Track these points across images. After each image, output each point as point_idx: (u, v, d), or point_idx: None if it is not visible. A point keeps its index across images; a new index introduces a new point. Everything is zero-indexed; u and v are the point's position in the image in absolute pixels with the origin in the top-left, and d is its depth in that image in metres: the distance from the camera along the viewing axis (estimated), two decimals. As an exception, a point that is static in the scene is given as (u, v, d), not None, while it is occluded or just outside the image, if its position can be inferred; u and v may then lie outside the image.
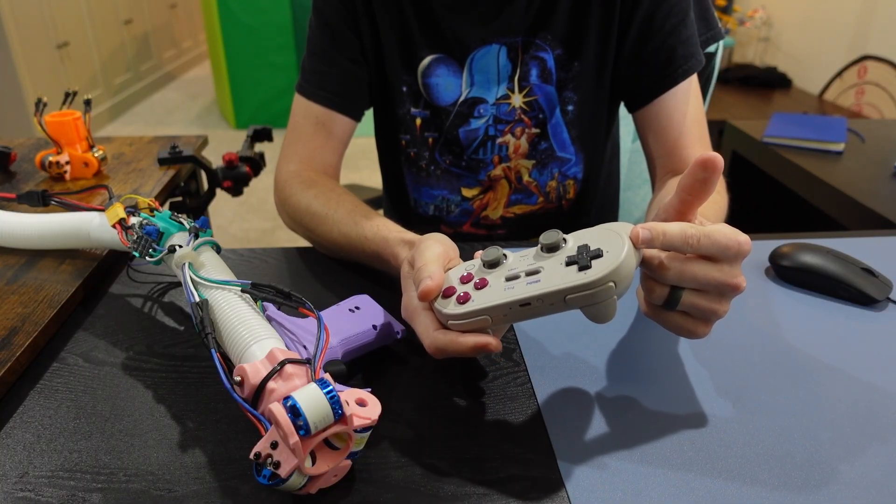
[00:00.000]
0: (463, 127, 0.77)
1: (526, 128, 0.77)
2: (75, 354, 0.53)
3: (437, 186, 0.82)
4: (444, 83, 0.76)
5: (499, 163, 0.79)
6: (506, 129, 0.77)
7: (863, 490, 0.40)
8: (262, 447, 0.37)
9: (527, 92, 0.75)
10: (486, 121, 0.76)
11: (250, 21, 3.50)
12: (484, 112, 0.76)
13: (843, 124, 1.49)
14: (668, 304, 0.43)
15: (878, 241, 0.72)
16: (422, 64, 0.75)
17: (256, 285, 0.47)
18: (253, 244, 2.46)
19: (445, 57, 0.74)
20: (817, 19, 2.54)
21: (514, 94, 0.75)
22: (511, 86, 0.74)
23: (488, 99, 0.75)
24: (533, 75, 0.74)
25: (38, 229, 0.63)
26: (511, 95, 0.75)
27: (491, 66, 0.74)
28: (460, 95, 0.75)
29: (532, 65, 0.73)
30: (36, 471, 0.41)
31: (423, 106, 0.78)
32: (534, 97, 0.75)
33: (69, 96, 0.87)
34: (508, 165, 0.79)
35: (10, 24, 2.88)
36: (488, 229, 0.83)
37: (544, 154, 0.79)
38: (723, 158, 0.42)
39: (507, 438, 0.44)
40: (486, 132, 0.77)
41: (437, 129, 0.78)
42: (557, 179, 0.81)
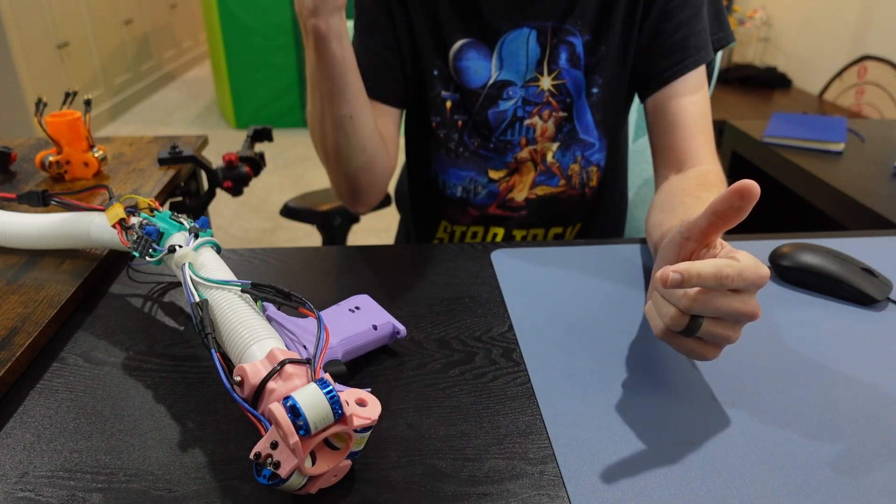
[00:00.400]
0: (492, 108, 0.79)
1: (553, 111, 0.79)
2: (75, 354, 0.53)
3: (465, 168, 0.83)
4: (474, 66, 0.77)
5: (525, 145, 0.81)
6: (534, 110, 0.79)
7: (863, 490, 0.40)
8: (262, 447, 0.37)
9: (556, 75, 0.77)
10: (515, 102, 0.78)
11: (250, 21, 3.51)
12: (513, 94, 0.78)
13: (843, 124, 1.49)
14: (687, 331, 0.44)
15: (878, 241, 0.72)
16: (453, 48, 0.77)
17: (256, 285, 0.47)
18: (253, 244, 2.46)
19: (476, 41, 0.76)
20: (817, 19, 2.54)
21: (544, 76, 0.77)
22: (540, 69, 0.76)
23: (517, 81, 0.77)
24: (562, 59, 0.76)
25: (39, 229, 0.63)
26: (540, 78, 0.77)
27: (520, 50, 0.75)
28: (490, 78, 0.77)
29: (562, 49, 0.76)
30: (36, 471, 0.41)
31: (454, 89, 0.79)
32: (562, 80, 0.77)
33: (69, 96, 0.87)
34: (535, 148, 0.81)
35: (11, 24, 2.88)
36: (513, 211, 0.85)
37: (568, 136, 0.81)
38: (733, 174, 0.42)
39: (507, 438, 0.44)
40: (514, 113, 0.79)
41: (466, 112, 0.80)
42: (580, 164, 0.83)
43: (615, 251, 0.69)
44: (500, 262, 0.67)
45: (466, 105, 0.79)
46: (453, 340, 0.55)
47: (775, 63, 2.80)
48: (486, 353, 0.53)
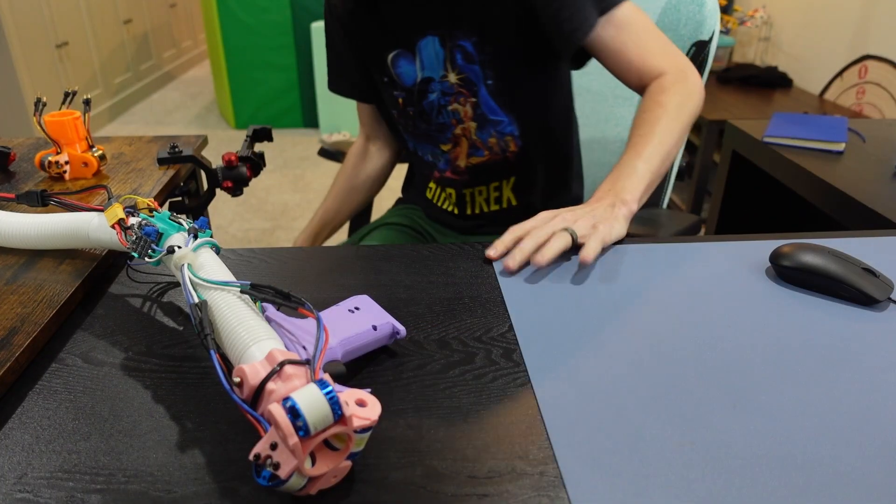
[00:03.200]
0: (424, 100, 0.96)
1: (466, 97, 0.94)
2: (74, 355, 0.53)
3: (426, 143, 1.03)
4: (405, 71, 0.95)
5: (457, 124, 0.97)
6: (451, 99, 0.95)
7: (864, 491, 0.40)
8: (262, 448, 0.37)
9: (458, 71, 0.92)
10: (437, 94, 0.95)
11: (250, 21, 3.50)
12: (434, 88, 0.95)
13: (844, 124, 1.49)
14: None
15: (878, 241, 0.72)
16: (388, 58, 0.95)
17: (256, 286, 0.47)
18: (252, 244, 2.46)
19: (402, 51, 0.93)
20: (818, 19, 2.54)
21: (449, 73, 0.92)
22: (446, 67, 0.92)
23: (435, 77, 0.93)
24: (458, 58, 0.91)
25: (38, 229, 0.63)
26: (448, 74, 0.92)
27: (431, 54, 0.91)
28: (417, 77, 0.94)
29: (457, 51, 0.90)
30: (35, 472, 0.41)
31: (400, 89, 0.97)
32: (464, 74, 0.92)
33: (68, 96, 0.87)
34: (464, 126, 0.97)
35: (10, 23, 2.88)
36: (459, 175, 1.03)
37: (481, 118, 0.96)
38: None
39: (507, 438, 0.44)
40: (439, 102, 0.96)
41: (412, 105, 0.98)
42: (496, 137, 0.97)
43: (615, 251, 0.69)
44: (500, 262, 0.67)
45: (410, 99, 0.97)
46: (453, 341, 0.55)
47: (776, 63, 2.79)
48: (486, 353, 0.53)
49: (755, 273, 0.65)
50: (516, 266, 0.64)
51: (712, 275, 0.65)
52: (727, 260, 0.68)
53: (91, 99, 0.86)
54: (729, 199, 1.71)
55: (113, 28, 3.90)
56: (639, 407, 0.47)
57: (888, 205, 1.13)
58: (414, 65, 0.94)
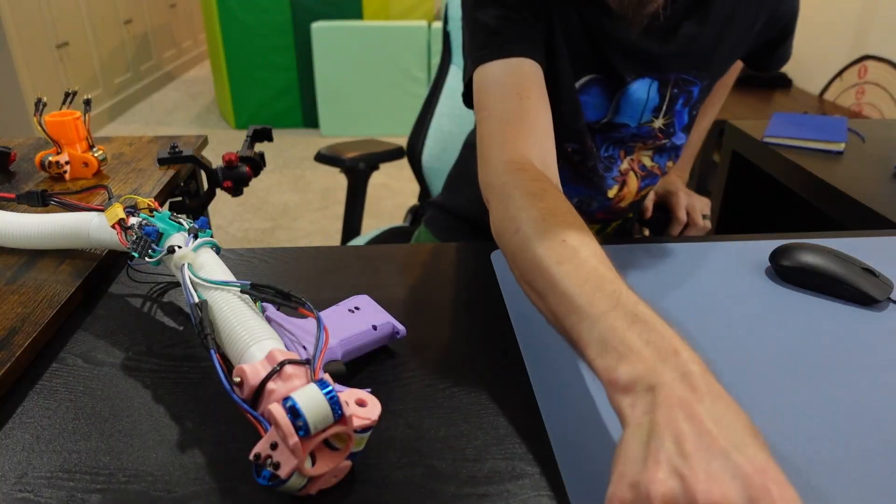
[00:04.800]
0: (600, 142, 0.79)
1: (658, 140, 0.82)
2: (75, 355, 0.53)
3: (577, 186, 0.82)
4: (592, 103, 0.74)
5: (625, 156, 0.82)
6: (639, 143, 0.81)
7: (864, 491, 0.40)
8: (262, 448, 0.37)
9: (669, 116, 0.78)
10: (624, 137, 0.79)
11: (250, 21, 3.50)
12: (625, 132, 0.78)
13: (844, 124, 1.49)
14: None
15: (878, 241, 0.72)
16: (581, 80, 0.73)
17: (256, 286, 0.47)
18: (252, 244, 2.46)
19: (601, 78, 0.73)
20: (817, 19, 2.54)
21: (658, 119, 0.78)
22: (657, 114, 0.77)
23: (631, 124, 0.77)
24: (678, 104, 0.77)
25: (38, 229, 0.63)
26: (654, 120, 0.78)
27: (640, 100, 0.74)
28: (604, 117, 0.76)
29: (681, 97, 0.77)
30: (35, 471, 0.41)
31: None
32: (672, 118, 0.79)
33: (69, 96, 0.87)
34: (632, 157, 0.83)
35: (10, 24, 2.88)
36: (614, 213, 0.89)
37: (664, 148, 0.84)
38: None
39: (507, 438, 0.44)
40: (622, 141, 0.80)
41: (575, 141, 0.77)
42: (673, 160, 0.87)
43: (615, 251, 0.69)
44: (500, 262, 0.67)
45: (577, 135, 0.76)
46: (453, 340, 0.55)
47: (775, 63, 2.79)
48: (486, 353, 0.53)
49: (755, 273, 0.65)
50: None
51: (712, 275, 0.65)
52: (727, 260, 0.68)
53: (91, 99, 0.86)
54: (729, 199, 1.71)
55: (113, 28, 3.90)
56: (639, 407, 0.47)
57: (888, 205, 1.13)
58: (608, 101, 0.74)
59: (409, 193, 0.98)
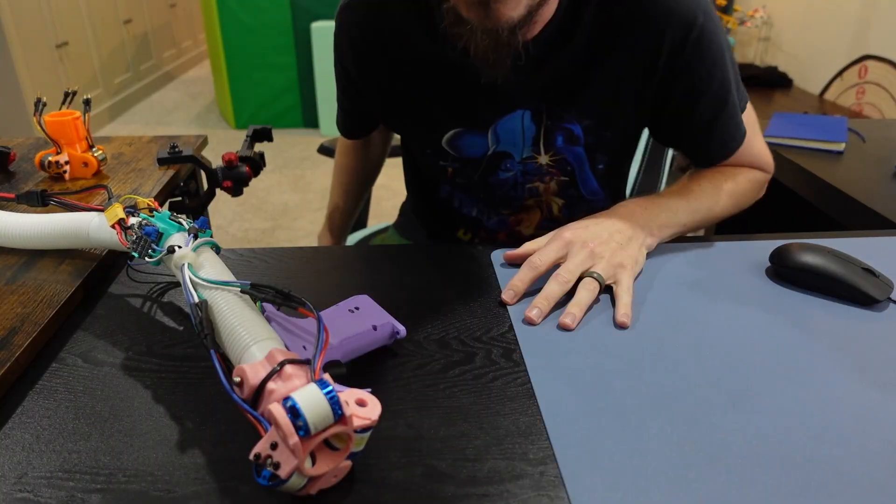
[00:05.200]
0: (492, 176, 0.79)
1: (555, 176, 0.79)
2: (74, 355, 0.53)
3: (477, 202, 0.85)
4: (468, 144, 0.76)
5: (530, 197, 0.82)
6: (534, 179, 0.79)
7: (864, 491, 0.40)
8: (262, 448, 0.37)
9: (553, 153, 0.75)
10: (514, 174, 0.78)
11: (250, 21, 3.50)
12: (511, 167, 0.77)
13: (844, 124, 1.49)
14: None
15: (878, 241, 0.72)
16: (445, 137, 0.76)
17: (256, 286, 0.47)
18: (252, 244, 2.46)
19: (468, 129, 0.75)
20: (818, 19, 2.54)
21: (541, 155, 0.76)
22: (537, 148, 0.75)
23: (514, 156, 0.76)
24: (559, 141, 0.74)
25: (38, 229, 0.63)
26: (538, 156, 0.76)
27: (516, 129, 0.74)
28: (488, 150, 0.76)
29: (558, 134, 0.74)
30: (35, 471, 0.41)
31: (452, 160, 0.79)
32: (561, 156, 0.76)
33: (68, 96, 0.87)
34: (540, 200, 0.82)
35: (10, 23, 2.88)
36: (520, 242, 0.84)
37: (572, 198, 0.81)
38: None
39: (507, 438, 0.44)
40: (514, 181, 0.79)
41: (467, 177, 0.80)
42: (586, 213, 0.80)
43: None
44: (500, 262, 0.67)
45: (467, 171, 0.80)
46: (453, 340, 0.55)
47: (776, 63, 2.79)
48: (486, 353, 0.53)
49: (755, 273, 0.65)
50: (541, 320, 0.56)
51: (712, 275, 0.65)
52: (727, 260, 0.68)
53: (91, 99, 0.86)
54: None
55: (113, 28, 3.90)
56: (639, 407, 0.47)
57: (888, 205, 1.13)
58: (485, 138, 0.75)
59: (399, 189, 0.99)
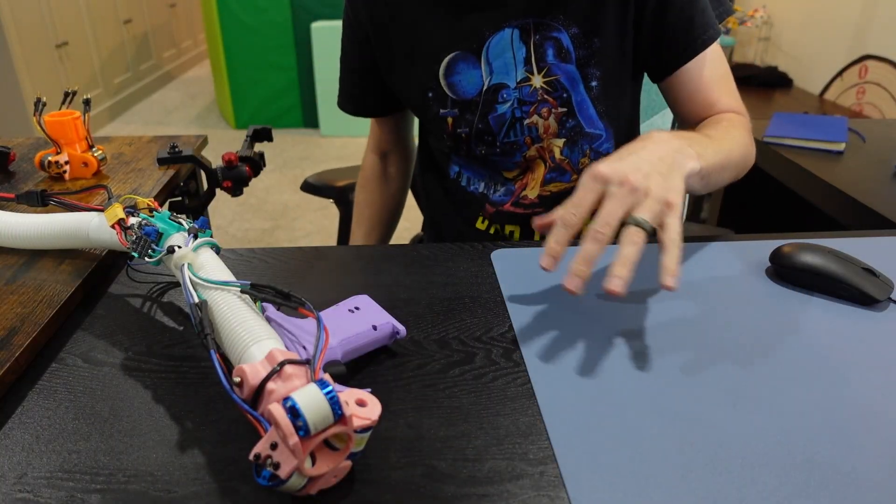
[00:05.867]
0: (491, 114, 0.79)
1: (552, 108, 0.78)
2: (74, 355, 0.53)
3: (481, 169, 0.85)
4: (465, 79, 0.77)
5: (531, 143, 0.80)
6: (531, 110, 0.78)
7: (864, 491, 0.40)
8: (262, 448, 0.37)
9: (546, 72, 0.75)
10: (511, 104, 0.78)
11: (250, 21, 3.50)
12: (507, 96, 0.77)
13: (844, 124, 1.49)
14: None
15: (878, 241, 0.72)
16: (442, 65, 0.77)
17: (256, 286, 0.47)
18: (252, 244, 2.46)
19: (462, 52, 0.76)
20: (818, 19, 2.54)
21: (534, 75, 0.75)
22: (529, 68, 0.75)
23: (509, 83, 0.77)
24: (549, 55, 0.74)
25: (38, 229, 0.63)
26: (531, 77, 0.76)
27: (506, 52, 0.75)
28: (483, 85, 0.77)
29: (547, 45, 0.74)
30: (35, 472, 0.41)
31: (451, 105, 0.80)
32: (554, 76, 0.76)
33: (68, 96, 0.87)
34: (542, 146, 0.80)
35: (10, 23, 2.88)
36: (527, 208, 0.84)
37: (573, 131, 0.79)
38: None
39: (507, 438, 0.44)
40: (512, 115, 0.78)
41: (467, 125, 0.80)
42: (590, 156, 0.81)
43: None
44: (500, 262, 0.67)
45: (466, 118, 0.80)
46: (453, 340, 0.55)
47: (776, 62, 2.79)
48: (486, 353, 0.53)
49: (755, 273, 0.65)
50: (583, 284, 0.49)
51: (712, 275, 0.65)
52: (727, 260, 0.68)
53: (91, 99, 0.86)
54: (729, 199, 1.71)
55: (113, 28, 3.90)
56: (639, 407, 0.47)
57: (888, 205, 1.13)
58: (479, 69, 0.76)
59: (414, 219, 0.94)
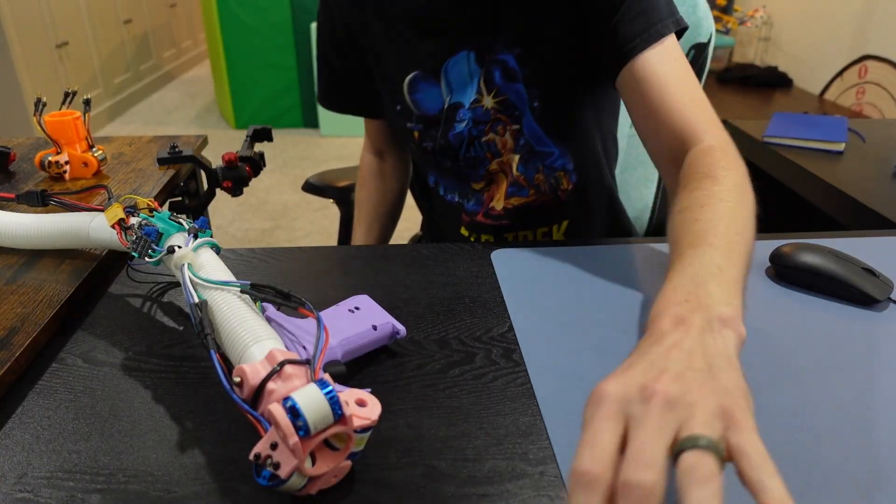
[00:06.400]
0: (450, 132, 0.81)
1: (506, 125, 0.79)
2: (74, 355, 0.53)
3: (451, 180, 0.88)
4: (427, 97, 0.80)
5: (492, 158, 0.82)
6: (485, 128, 0.80)
7: (864, 490, 0.40)
8: (262, 448, 0.37)
9: (495, 92, 0.77)
10: (467, 123, 0.80)
11: (250, 21, 3.50)
12: (463, 116, 0.79)
13: (844, 124, 1.49)
14: None
15: (878, 241, 0.72)
16: (405, 83, 0.80)
17: (256, 286, 0.47)
18: (252, 244, 2.46)
19: (423, 73, 0.79)
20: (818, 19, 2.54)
21: (484, 96, 0.77)
22: (479, 89, 0.77)
23: (464, 103, 0.79)
24: (497, 77, 0.76)
25: (38, 229, 0.63)
26: (481, 98, 0.78)
27: (463, 72, 0.77)
28: (444, 103, 0.80)
29: (495, 68, 0.76)
30: (35, 471, 0.41)
31: (416, 120, 0.83)
32: (504, 96, 0.77)
33: (69, 96, 0.87)
34: (502, 160, 0.82)
35: (10, 23, 2.88)
36: (495, 219, 0.87)
37: (525, 149, 0.80)
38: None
39: (507, 438, 0.44)
40: (469, 133, 0.80)
41: (431, 139, 0.83)
42: (543, 172, 0.82)
43: (616, 251, 0.69)
44: (500, 262, 0.67)
45: (430, 132, 0.82)
46: (453, 340, 0.55)
47: (776, 62, 2.79)
48: (486, 353, 0.53)
49: (755, 273, 0.65)
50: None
51: (712, 275, 0.65)
52: (727, 260, 0.68)
53: (91, 99, 0.86)
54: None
55: (113, 28, 3.90)
56: (639, 407, 0.47)
57: (888, 205, 1.13)
58: (439, 88, 0.79)
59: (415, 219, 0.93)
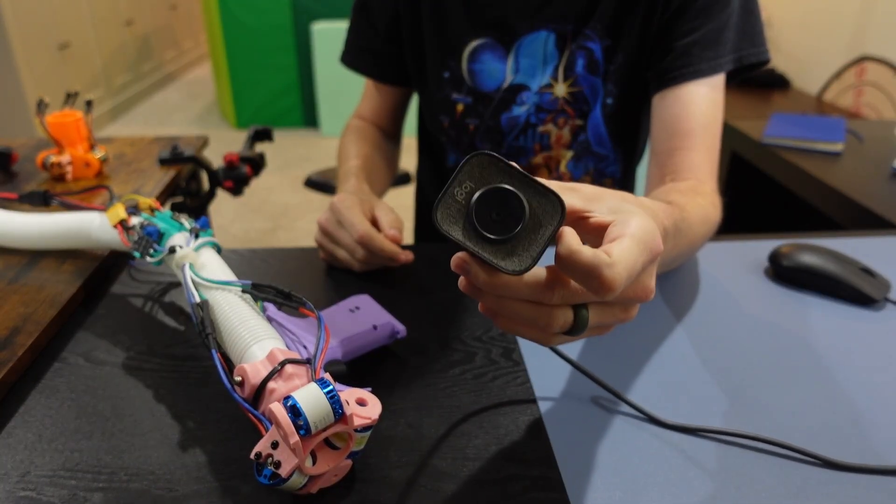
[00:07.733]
0: (505, 113, 0.76)
1: (569, 118, 0.75)
2: (76, 354, 0.53)
3: None
4: (488, 69, 0.74)
5: (540, 151, 0.78)
6: (547, 118, 0.75)
7: (864, 490, 0.40)
8: (263, 447, 0.37)
9: (572, 82, 0.73)
10: (528, 108, 0.75)
11: (251, 22, 3.51)
12: (526, 99, 0.74)
13: (842, 125, 1.49)
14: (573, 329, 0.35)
15: (876, 241, 0.72)
16: (467, 49, 0.74)
17: (257, 285, 0.47)
18: (253, 244, 2.46)
19: (492, 42, 0.73)
20: (816, 19, 2.54)
21: (558, 83, 0.73)
22: (556, 75, 0.73)
23: (531, 86, 0.74)
24: (579, 65, 0.72)
25: (40, 229, 0.63)
26: (554, 84, 0.73)
27: (538, 53, 0.72)
28: (504, 81, 0.74)
29: (579, 55, 0.72)
30: (37, 470, 0.42)
31: (466, 92, 0.76)
32: (579, 88, 0.73)
33: (70, 97, 0.87)
34: (550, 154, 0.78)
35: (12, 24, 2.88)
36: None
37: (581, 146, 0.77)
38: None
39: (507, 438, 0.44)
40: (527, 120, 0.76)
41: (478, 116, 0.77)
42: (592, 175, 0.78)
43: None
44: (500, 263, 0.67)
45: (478, 109, 0.77)
46: (453, 340, 0.55)
47: (774, 63, 2.80)
48: (486, 353, 0.53)
49: (754, 273, 0.65)
50: None
51: (711, 275, 0.65)
52: (726, 260, 0.68)
53: (93, 100, 0.86)
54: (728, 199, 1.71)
55: (115, 29, 3.91)
56: (638, 407, 0.47)
57: (886, 205, 1.13)
58: (504, 63, 0.73)
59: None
